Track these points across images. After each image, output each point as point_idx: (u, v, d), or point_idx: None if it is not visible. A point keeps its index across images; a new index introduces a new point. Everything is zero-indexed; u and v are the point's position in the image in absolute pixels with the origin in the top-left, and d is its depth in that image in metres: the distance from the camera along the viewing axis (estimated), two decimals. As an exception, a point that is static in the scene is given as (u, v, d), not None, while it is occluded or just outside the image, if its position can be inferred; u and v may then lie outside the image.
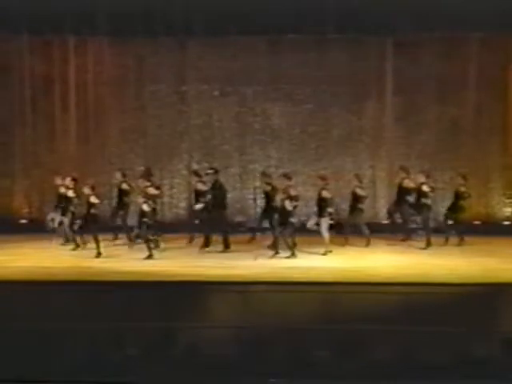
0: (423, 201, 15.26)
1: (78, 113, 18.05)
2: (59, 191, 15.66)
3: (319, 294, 11.77)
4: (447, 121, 17.57)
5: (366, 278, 12.65)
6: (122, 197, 16.02)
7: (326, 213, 14.73)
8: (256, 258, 14.38)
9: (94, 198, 14.89)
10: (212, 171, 15.68)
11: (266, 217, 15.49)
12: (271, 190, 15.33)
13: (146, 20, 16.90)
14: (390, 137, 17.79)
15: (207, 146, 18.10)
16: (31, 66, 17.98)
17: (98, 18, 16.97)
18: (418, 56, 17.35)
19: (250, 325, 9.93)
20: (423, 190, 15.31)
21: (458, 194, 15.78)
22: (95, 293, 11.60)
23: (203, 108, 18.10)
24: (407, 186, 15.76)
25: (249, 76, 17.84)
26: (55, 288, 12.14)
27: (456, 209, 15.79)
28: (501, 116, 17.49)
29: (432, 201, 15.45)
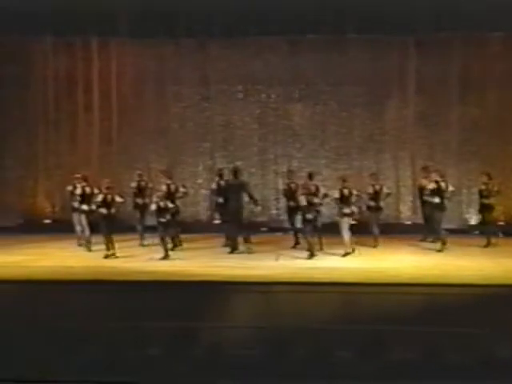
0: (436, 200, 15.11)
1: (101, 113, 18.16)
2: (77, 192, 15.65)
3: (341, 294, 11.75)
4: (469, 121, 17.47)
5: (387, 279, 12.60)
6: (140, 197, 16.06)
7: (346, 213, 14.68)
8: (277, 259, 14.38)
9: (118, 198, 14.95)
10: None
11: (289, 215, 15.52)
12: (295, 189, 15.35)
13: (167, 21, 16.97)
14: (411, 137, 17.72)
15: (229, 146, 18.13)
16: (54, 67, 18.11)
17: (120, 19, 17.06)
18: (440, 56, 17.25)
19: (271, 325, 9.92)
20: (437, 188, 15.14)
21: (481, 193, 15.67)
22: (116, 293, 11.66)
23: (224, 108, 18.14)
24: (425, 185, 15.70)
25: (270, 76, 17.86)
26: (77, 288, 12.22)
27: (483, 208, 15.69)
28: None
29: (448, 201, 15.27)
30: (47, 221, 18.30)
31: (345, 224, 14.67)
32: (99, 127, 18.20)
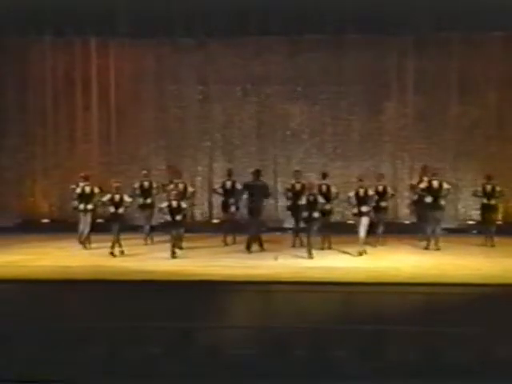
0: (427, 200, 15.12)
1: (100, 113, 18.15)
2: (77, 191, 15.65)
3: (340, 294, 11.74)
4: (468, 120, 17.48)
5: (387, 279, 12.59)
6: (145, 196, 16.07)
7: (363, 212, 14.71)
8: (276, 258, 14.37)
9: (126, 197, 14.97)
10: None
11: (292, 215, 15.58)
12: (301, 189, 15.39)
13: (165, 20, 16.95)
14: (410, 136, 17.72)
15: (228, 145, 18.12)
16: (53, 67, 18.10)
17: (119, 18, 17.04)
18: (439, 55, 17.28)
19: (270, 325, 9.91)
20: (428, 187, 15.18)
21: (483, 193, 15.67)
22: (114, 292, 11.65)
23: (224, 108, 18.14)
24: (416, 184, 15.75)
25: (269, 76, 17.88)
26: (75, 287, 12.21)
27: (484, 208, 15.71)
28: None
29: (444, 200, 15.28)
30: (45, 220, 18.29)
31: (364, 222, 14.71)
32: (98, 127, 18.19)
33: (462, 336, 9.06)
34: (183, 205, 14.62)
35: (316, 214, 14.43)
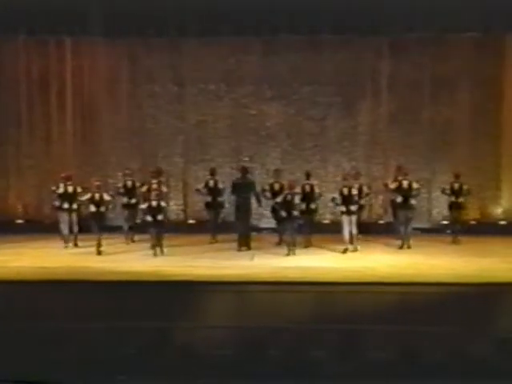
0: (398, 200, 15.28)
1: (74, 113, 18.03)
2: (59, 191, 15.57)
3: (317, 294, 11.80)
4: (442, 121, 17.61)
5: (363, 278, 12.68)
6: (128, 196, 16.02)
7: (348, 211, 14.83)
8: (252, 258, 14.39)
9: (106, 196, 14.95)
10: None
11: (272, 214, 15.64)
12: (279, 188, 15.41)
13: (139, 20, 16.90)
14: (384, 136, 17.82)
15: (202, 145, 18.10)
16: (26, 67, 17.95)
17: (93, 18, 16.96)
18: (413, 56, 17.38)
19: (246, 325, 9.93)
20: (398, 187, 15.35)
21: (451, 191, 15.85)
22: (90, 293, 11.61)
23: (198, 108, 18.09)
24: (387, 184, 15.92)
25: (243, 76, 17.86)
26: (53, 288, 12.14)
27: (452, 206, 15.87)
28: (495, 116, 17.52)
29: (414, 199, 15.42)
30: (19, 221, 18.15)
31: (352, 220, 14.80)
32: (72, 127, 18.08)
33: (437, 335, 9.14)
34: (163, 204, 14.63)
35: (295, 213, 14.47)
